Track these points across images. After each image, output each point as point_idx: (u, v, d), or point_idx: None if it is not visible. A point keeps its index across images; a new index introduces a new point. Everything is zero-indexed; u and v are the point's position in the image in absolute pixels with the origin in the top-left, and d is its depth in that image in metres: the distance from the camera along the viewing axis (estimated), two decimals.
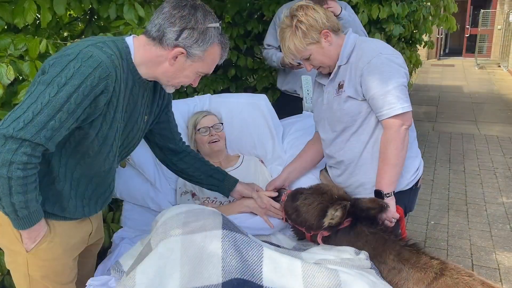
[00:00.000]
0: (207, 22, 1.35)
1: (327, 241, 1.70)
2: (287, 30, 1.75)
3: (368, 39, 1.84)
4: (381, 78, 1.66)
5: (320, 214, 1.67)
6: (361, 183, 1.84)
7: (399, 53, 1.77)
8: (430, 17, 4.78)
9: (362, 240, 1.63)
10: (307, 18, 1.70)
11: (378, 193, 1.71)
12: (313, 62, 1.79)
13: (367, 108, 1.75)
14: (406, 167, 1.79)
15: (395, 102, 1.66)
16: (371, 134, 1.78)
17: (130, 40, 1.38)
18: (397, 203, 1.75)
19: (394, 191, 1.73)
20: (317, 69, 1.86)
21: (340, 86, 1.78)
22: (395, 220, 1.76)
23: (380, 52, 1.70)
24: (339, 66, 1.80)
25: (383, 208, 1.66)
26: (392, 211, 1.72)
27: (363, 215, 1.68)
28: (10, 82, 1.53)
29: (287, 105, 3.06)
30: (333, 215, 1.61)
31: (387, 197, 1.71)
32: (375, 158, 1.78)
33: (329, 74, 1.86)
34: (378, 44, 1.76)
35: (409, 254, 1.54)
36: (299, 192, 1.82)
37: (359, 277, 1.34)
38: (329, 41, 1.75)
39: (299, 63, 2.79)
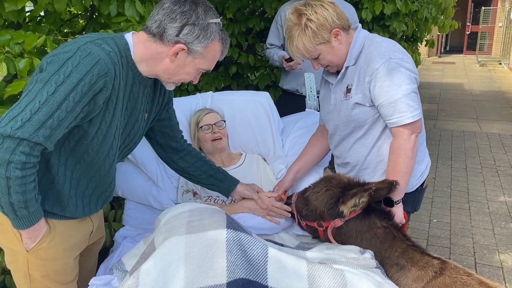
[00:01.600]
0: (208, 18, 1.33)
1: (338, 232, 1.67)
2: (295, 28, 1.66)
3: (377, 38, 1.75)
4: (390, 85, 1.61)
5: (330, 201, 1.66)
6: None
7: (409, 55, 1.71)
8: (431, 18, 4.77)
9: (372, 232, 1.62)
10: (317, 17, 1.62)
11: (389, 201, 1.68)
12: (322, 61, 1.72)
13: (374, 114, 1.71)
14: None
15: (405, 111, 1.61)
16: (376, 139, 1.75)
17: (129, 36, 1.36)
18: (403, 203, 1.73)
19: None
20: (325, 67, 1.80)
21: (348, 90, 1.73)
22: (401, 225, 1.74)
23: (390, 57, 1.63)
24: (347, 67, 1.74)
25: (393, 186, 1.62)
26: (400, 217, 1.70)
27: (378, 208, 1.67)
28: (1, 78, 1.50)
29: (289, 103, 3.05)
30: (359, 202, 1.57)
31: (397, 204, 1.69)
32: (379, 162, 1.77)
33: (337, 72, 1.81)
34: (388, 47, 1.67)
35: (413, 253, 1.55)
36: (308, 187, 1.81)
37: (365, 277, 1.32)
38: (339, 40, 1.68)
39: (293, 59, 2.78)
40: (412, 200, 1.86)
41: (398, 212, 1.70)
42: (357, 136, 1.76)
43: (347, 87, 1.74)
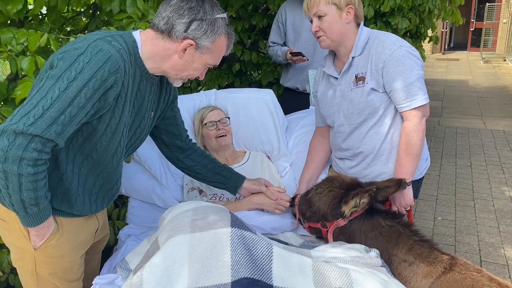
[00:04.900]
0: (215, 13, 1.34)
1: (342, 231, 1.68)
2: None
3: (381, 32, 1.86)
4: (403, 70, 1.71)
5: (333, 201, 1.68)
6: (379, 173, 1.87)
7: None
8: (435, 10, 4.69)
9: (377, 231, 1.62)
10: None
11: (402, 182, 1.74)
12: (323, 24, 1.76)
13: (386, 100, 1.79)
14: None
15: (417, 93, 1.72)
16: (390, 126, 1.82)
17: (137, 34, 1.36)
18: None
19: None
20: (317, 38, 1.82)
21: (359, 79, 1.80)
22: (409, 208, 1.83)
23: (400, 45, 1.74)
24: (353, 58, 1.81)
25: (401, 183, 1.67)
26: (411, 198, 1.79)
27: (382, 209, 1.68)
28: (5, 77, 1.49)
29: (290, 100, 3.04)
30: (359, 202, 1.61)
31: (408, 185, 1.76)
32: (393, 149, 1.83)
33: (342, 64, 1.86)
34: (396, 37, 1.79)
35: (421, 249, 1.54)
36: (310, 189, 1.83)
37: (371, 275, 1.31)
38: (348, 19, 1.77)
39: (300, 54, 2.76)
40: (415, 188, 1.92)
41: (409, 193, 1.78)
42: (371, 124, 1.83)
43: (356, 76, 1.81)
